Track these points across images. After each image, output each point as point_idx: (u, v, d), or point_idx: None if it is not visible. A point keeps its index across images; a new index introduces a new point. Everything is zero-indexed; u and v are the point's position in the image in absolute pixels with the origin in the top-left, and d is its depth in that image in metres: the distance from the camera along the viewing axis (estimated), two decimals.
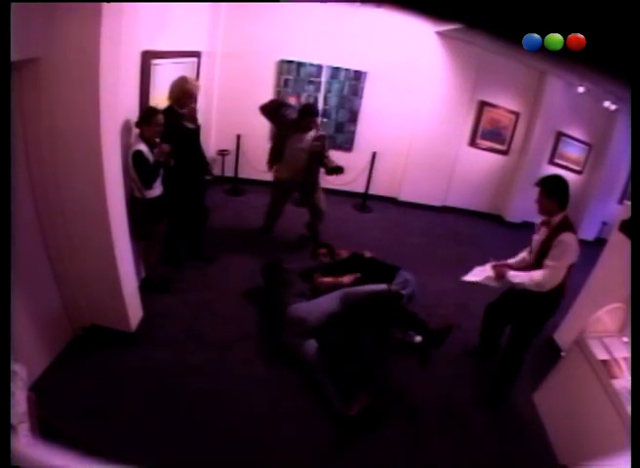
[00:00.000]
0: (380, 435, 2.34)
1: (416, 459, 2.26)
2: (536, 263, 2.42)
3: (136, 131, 2.76)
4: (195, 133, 3.30)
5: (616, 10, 1.11)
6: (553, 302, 2.43)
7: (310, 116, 3.76)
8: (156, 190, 2.89)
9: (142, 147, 2.68)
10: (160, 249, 3.28)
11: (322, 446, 2.25)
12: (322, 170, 3.94)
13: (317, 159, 3.84)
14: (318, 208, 4.13)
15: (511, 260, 2.68)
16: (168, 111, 2.99)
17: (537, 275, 2.31)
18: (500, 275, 2.47)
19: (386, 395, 2.55)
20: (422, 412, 2.57)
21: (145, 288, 3.11)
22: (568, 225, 2.30)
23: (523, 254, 2.67)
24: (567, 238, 2.24)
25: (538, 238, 2.47)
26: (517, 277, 2.40)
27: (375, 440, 2.31)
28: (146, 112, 2.78)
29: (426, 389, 2.73)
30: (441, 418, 2.54)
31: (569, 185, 2.34)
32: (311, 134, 3.81)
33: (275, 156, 3.91)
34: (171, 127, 2.89)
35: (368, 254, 3.56)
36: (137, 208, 2.82)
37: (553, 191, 2.33)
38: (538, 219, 2.54)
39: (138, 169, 2.68)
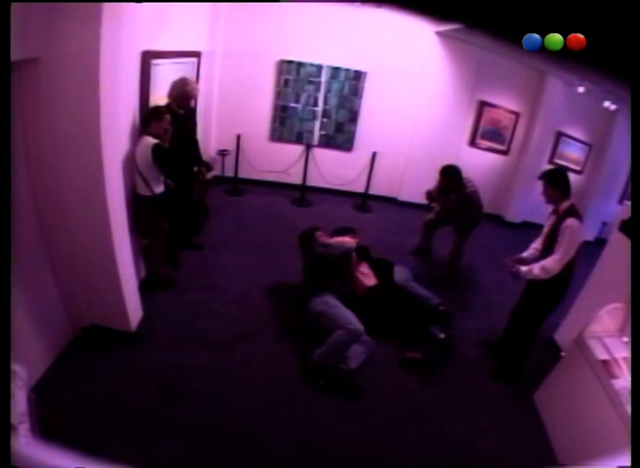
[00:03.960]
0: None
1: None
2: (545, 248, 2.65)
3: (135, 129, 2.76)
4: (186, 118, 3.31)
5: (616, 10, 1.12)
6: (563, 285, 2.61)
7: (449, 181, 3.70)
8: (160, 187, 2.90)
9: (154, 141, 2.71)
10: (164, 247, 3.27)
11: (322, 445, 2.25)
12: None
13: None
14: (459, 249, 4.04)
15: (525, 253, 2.83)
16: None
17: (547, 262, 2.50)
18: (516, 275, 2.65)
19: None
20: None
21: (146, 287, 3.10)
22: (574, 212, 2.52)
23: (535, 245, 2.84)
24: (572, 223, 2.45)
25: (547, 224, 2.71)
26: (530, 272, 2.56)
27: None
28: (156, 109, 2.84)
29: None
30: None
31: (568, 175, 2.63)
32: (454, 195, 3.75)
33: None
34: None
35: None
36: (142, 205, 2.83)
37: (555, 181, 2.60)
38: (548, 211, 2.75)
39: (160, 161, 2.72)
